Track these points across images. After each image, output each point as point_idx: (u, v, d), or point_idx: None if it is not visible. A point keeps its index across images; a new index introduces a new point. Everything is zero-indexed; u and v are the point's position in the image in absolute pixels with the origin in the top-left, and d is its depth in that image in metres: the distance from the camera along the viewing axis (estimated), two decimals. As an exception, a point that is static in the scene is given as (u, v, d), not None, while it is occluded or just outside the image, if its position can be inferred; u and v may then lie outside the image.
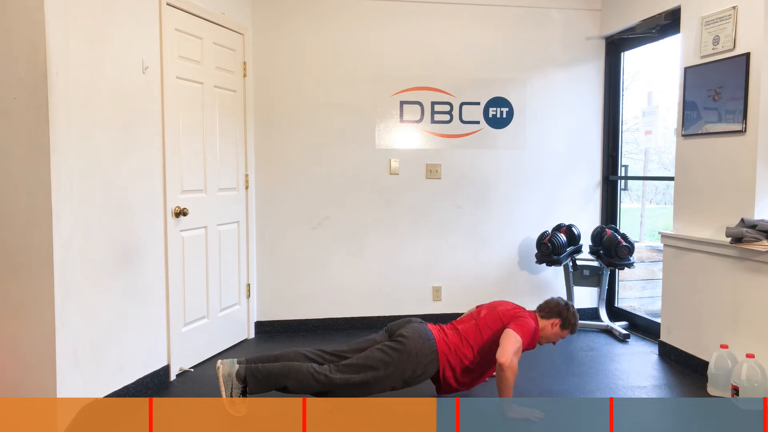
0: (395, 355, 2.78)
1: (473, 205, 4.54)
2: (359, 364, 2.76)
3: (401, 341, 2.81)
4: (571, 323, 3.05)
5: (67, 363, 2.59)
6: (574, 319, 3.06)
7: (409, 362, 2.79)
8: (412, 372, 2.81)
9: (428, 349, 2.83)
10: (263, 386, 2.72)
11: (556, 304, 3.07)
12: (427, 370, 2.84)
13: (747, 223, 3.07)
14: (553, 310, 3.05)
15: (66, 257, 2.57)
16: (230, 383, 2.69)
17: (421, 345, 2.81)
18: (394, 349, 2.79)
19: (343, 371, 2.74)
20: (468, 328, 2.97)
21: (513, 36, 4.50)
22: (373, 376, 2.75)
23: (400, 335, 2.85)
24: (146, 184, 3.15)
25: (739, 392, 2.92)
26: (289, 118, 4.29)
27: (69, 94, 2.59)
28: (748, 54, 3.13)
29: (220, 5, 3.78)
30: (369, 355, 2.79)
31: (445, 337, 2.92)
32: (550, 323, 3.02)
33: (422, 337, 2.84)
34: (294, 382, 2.71)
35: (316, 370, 2.72)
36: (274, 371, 2.72)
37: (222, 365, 2.72)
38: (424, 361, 2.82)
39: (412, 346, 2.80)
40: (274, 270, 4.33)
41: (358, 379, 2.73)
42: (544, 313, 3.05)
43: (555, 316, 3.03)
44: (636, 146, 6.42)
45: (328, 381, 2.71)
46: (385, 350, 2.79)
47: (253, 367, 2.74)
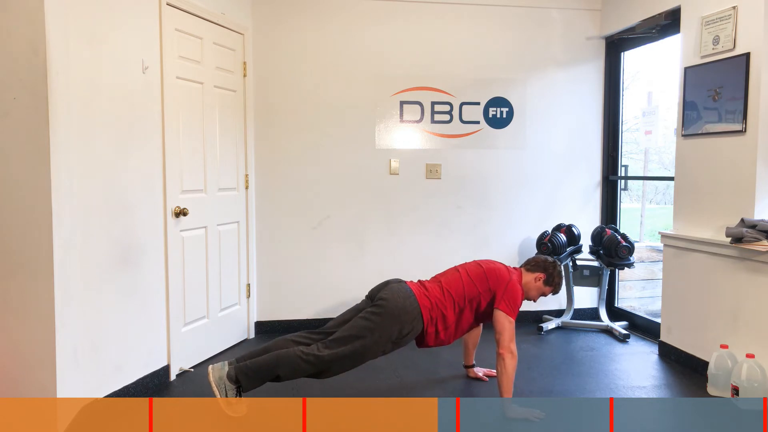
0: (378, 320, 2.77)
1: (473, 205, 4.54)
2: (345, 336, 2.76)
3: (381, 304, 2.80)
4: (555, 281, 3.07)
5: (67, 363, 2.59)
6: (559, 278, 3.08)
7: (394, 323, 2.78)
8: (399, 332, 2.80)
9: (410, 306, 2.82)
10: (256, 381, 2.72)
11: (544, 259, 3.10)
12: (414, 326, 2.83)
13: (747, 223, 3.07)
14: (540, 264, 3.08)
15: (66, 257, 2.57)
16: (223, 386, 2.69)
17: (402, 303, 2.81)
18: (376, 313, 2.79)
19: (330, 347, 2.74)
20: (451, 281, 2.97)
21: (513, 36, 4.50)
22: (360, 345, 2.74)
23: (380, 298, 2.84)
24: (146, 184, 3.15)
25: (739, 392, 2.92)
26: (289, 118, 4.29)
27: (69, 94, 2.59)
28: (748, 54, 3.13)
29: (220, 5, 3.78)
30: (353, 324, 2.79)
31: (425, 291, 2.91)
32: (534, 277, 3.05)
33: (402, 296, 2.83)
34: (285, 369, 2.71)
35: (304, 352, 2.72)
36: (263, 363, 2.72)
37: (212, 370, 2.72)
38: (408, 319, 2.81)
39: (393, 307, 2.79)
40: (274, 270, 4.33)
41: (347, 350, 2.73)
42: (530, 267, 3.09)
43: (540, 271, 3.06)
44: (636, 146, 6.42)
45: (317, 360, 2.71)
46: (367, 317, 2.79)
47: (242, 365, 2.74)
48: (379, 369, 3.48)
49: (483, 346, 3.66)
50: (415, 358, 3.70)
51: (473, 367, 3.42)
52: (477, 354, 3.55)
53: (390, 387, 3.28)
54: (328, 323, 2.97)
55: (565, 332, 4.34)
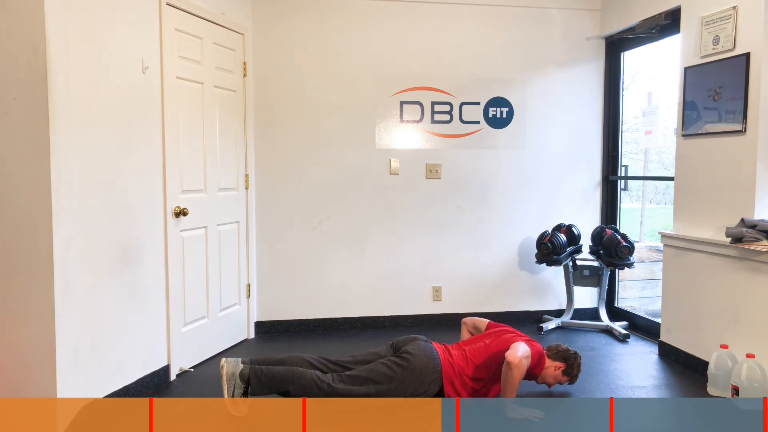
0: (399, 372, 2.79)
1: (473, 205, 4.54)
2: (363, 376, 2.79)
3: (407, 358, 2.83)
4: (573, 374, 3.08)
5: (67, 363, 2.59)
6: (578, 370, 3.09)
7: (413, 380, 2.80)
8: (414, 390, 2.82)
9: (432, 368, 2.84)
10: (266, 388, 2.74)
11: (566, 349, 3.10)
12: (429, 388, 2.85)
13: (747, 223, 3.07)
14: (561, 354, 3.08)
15: (66, 257, 2.57)
16: (233, 383, 2.69)
17: (426, 364, 2.83)
18: (399, 365, 2.81)
19: (346, 382, 2.77)
20: (475, 349, 2.98)
21: (513, 36, 4.50)
22: (375, 390, 2.77)
23: (405, 352, 2.86)
24: (146, 184, 3.15)
25: (739, 392, 2.92)
26: (289, 118, 4.29)
27: (69, 94, 2.59)
28: (748, 54, 3.13)
29: (220, 5, 3.78)
30: (373, 368, 2.81)
31: (449, 358, 2.93)
32: (554, 365, 3.04)
33: (427, 356, 2.85)
34: (297, 388, 2.72)
35: (320, 378, 2.75)
36: (278, 375, 2.74)
37: (226, 364, 2.73)
38: (427, 380, 2.83)
39: (417, 364, 2.81)
40: (274, 270, 4.33)
41: (361, 391, 2.76)
42: (552, 354, 3.08)
43: (561, 360, 3.06)
44: (636, 146, 6.42)
45: (331, 390, 2.73)
46: (389, 365, 2.81)
47: (258, 368, 2.74)
48: (379, 369, 3.48)
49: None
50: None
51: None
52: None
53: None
54: (345, 358, 2.96)
55: (565, 332, 4.33)
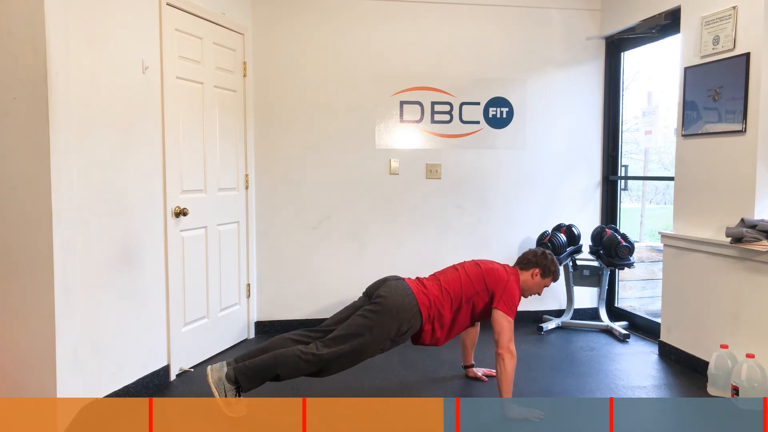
0: (377, 318, 2.77)
1: (473, 205, 4.54)
2: (344, 334, 2.76)
3: (379, 302, 2.80)
4: (551, 270, 3.08)
5: (67, 363, 2.59)
6: (554, 265, 3.09)
7: (392, 321, 2.78)
8: (397, 330, 2.80)
9: (408, 303, 2.82)
10: (255, 381, 2.72)
11: (533, 254, 3.10)
12: (412, 324, 2.84)
13: (747, 223, 3.07)
14: (531, 260, 3.08)
15: (66, 257, 2.57)
16: (222, 387, 2.69)
17: (401, 301, 2.81)
18: (374, 311, 2.78)
19: (329, 345, 2.74)
20: (450, 279, 2.97)
21: (513, 36, 4.50)
22: (359, 343, 2.74)
23: (378, 296, 2.83)
24: (146, 184, 3.15)
25: (739, 392, 2.92)
26: (289, 118, 4.29)
27: (69, 94, 2.59)
28: (748, 54, 3.13)
29: (220, 5, 3.78)
30: (351, 323, 2.79)
31: (423, 289, 2.91)
32: (530, 273, 3.06)
33: (400, 294, 2.83)
34: (284, 369, 2.70)
35: (303, 351, 2.72)
36: (262, 364, 2.72)
37: (211, 371, 2.73)
38: (406, 317, 2.81)
39: (391, 305, 2.78)
40: (274, 270, 4.33)
41: (346, 348, 2.73)
42: (523, 265, 3.09)
43: (533, 266, 3.07)
44: (636, 146, 6.42)
45: (316, 359, 2.71)
46: (366, 315, 2.79)
47: (241, 365, 2.74)
48: (378, 369, 3.48)
49: (482, 346, 3.67)
50: (415, 358, 3.70)
51: (472, 367, 3.42)
52: (476, 354, 3.55)
53: (390, 387, 3.28)
54: (325, 321, 2.97)
55: (565, 332, 4.34)
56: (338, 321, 2.89)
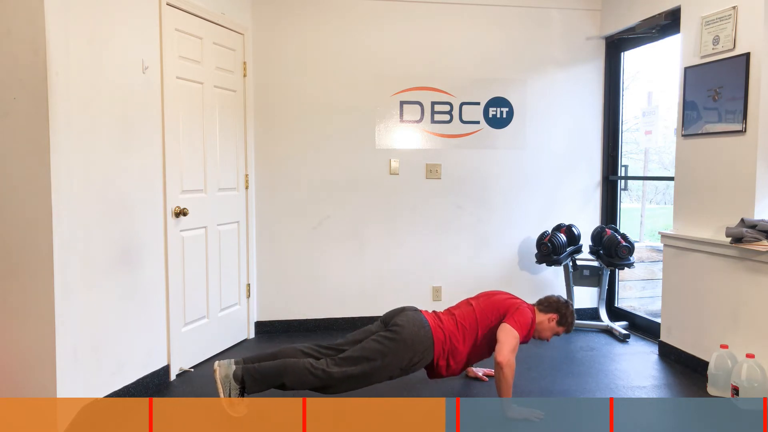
0: (391, 345, 2.78)
1: (473, 205, 4.54)
2: (356, 356, 2.77)
3: (396, 330, 2.81)
4: (568, 321, 3.07)
5: (67, 363, 2.59)
6: (572, 317, 3.08)
7: (406, 351, 2.79)
8: (409, 360, 2.81)
9: (424, 336, 2.83)
10: (261, 385, 2.72)
11: (556, 300, 3.10)
12: (424, 357, 2.84)
13: (747, 223, 3.07)
14: (553, 305, 3.07)
15: (66, 257, 2.57)
16: (228, 384, 2.69)
17: (416, 332, 2.82)
18: (390, 338, 2.79)
19: (340, 364, 2.74)
20: (465, 314, 2.98)
21: (513, 36, 4.50)
22: (370, 367, 2.75)
23: (395, 324, 2.84)
24: (146, 184, 3.15)
25: (739, 392, 2.92)
26: (289, 118, 4.29)
27: (69, 94, 2.59)
28: (748, 54, 3.13)
29: (220, 5, 3.78)
30: (365, 346, 2.80)
31: (440, 323, 2.92)
32: (548, 318, 3.05)
33: (417, 325, 2.84)
34: (292, 379, 2.71)
35: (314, 365, 2.73)
36: (271, 369, 2.72)
37: (219, 367, 2.72)
38: (420, 349, 2.82)
39: (407, 335, 2.80)
40: (274, 270, 4.33)
41: (356, 371, 2.74)
42: (543, 307, 3.08)
43: (553, 312, 3.06)
44: (636, 146, 6.42)
45: (326, 375, 2.71)
46: (380, 340, 2.80)
47: (250, 367, 2.74)
48: (379, 369, 3.48)
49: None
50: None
51: (472, 367, 3.42)
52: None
53: (390, 387, 3.27)
54: (338, 341, 2.96)
55: (565, 332, 4.33)
56: (351, 342, 2.90)
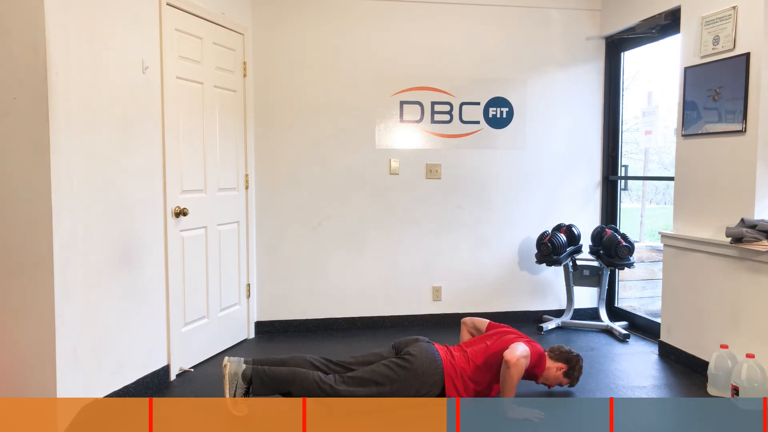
0: (402, 373, 2.79)
1: (473, 205, 4.54)
2: (365, 378, 2.78)
3: (409, 359, 2.82)
4: (575, 376, 3.08)
5: (67, 363, 2.59)
6: (579, 372, 3.09)
7: (415, 381, 2.80)
8: (416, 391, 2.82)
9: (434, 369, 2.84)
10: (268, 389, 2.74)
11: (568, 351, 3.10)
12: (431, 390, 2.85)
13: (747, 223, 3.07)
14: (564, 355, 3.08)
15: (66, 257, 2.57)
16: (235, 382, 2.70)
17: (428, 365, 2.83)
18: (401, 366, 2.81)
19: (348, 383, 2.76)
20: (477, 351, 2.98)
21: (513, 36, 4.50)
22: (377, 392, 2.77)
23: (407, 353, 2.86)
24: (146, 184, 3.15)
25: (739, 392, 2.92)
26: (289, 118, 4.29)
27: (69, 94, 2.59)
28: (748, 54, 3.13)
29: (220, 5, 3.78)
30: (375, 369, 2.81)
31: (451, 359, 2.92)
32: (556, 366, 3.05)
33: (429, 358, 2.85)
34: (299, 388, 2.72)
35: (322, 380, 2.75)
36: (281, 376, 2.74)
37: (229, 363, 2.73)
38: (429, 381, 2.83)
39: (418, 366, 2.81)
40: (274, 270, 4.33)
41: (363, 392, 2.75)
42: (554, 355, 3.08)
43: (563, 362, 3.06)
44: (636, 146, 6.42)
45: (333, 391, 2.73)
46: (391, 366, 2.81)
47: (260, 369, 2.74)
48: (379, 369, 3.48)
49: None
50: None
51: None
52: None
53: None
54: (347, 359, 2.96)
55: (565, 332, 4.33)
56: (360, 363, 2.92)
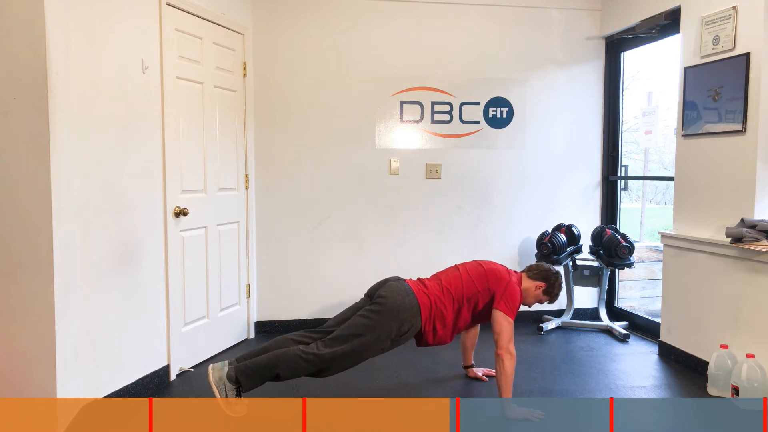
0: (377, 318, 2.78)
1: (473, 205, 4.54)
2: (345, 334, 2.77)
3: (380, 302, 2.82)
4: (554, 292, 3.09)
5: (67, 363, 2.59)
6: (558, 289, 3.10)
7: (393, 321, 2.79)
8: (398, 330, 2.81)
9: (409, 303, 2.83)
10: (256, 381, 2.73)
11: (547, 269, 3.11)
12: (413, 324, 2.84)
13: (747, 223, 3.07)
14: (542, 273, 3.09)
15: (66, 257, 2.57)
16: (222, 386, 2.69)
17: (401, 301, 2.82)
18: (375, 311, 2.80)
19: (330, 345, 2.75)
20: (451, 279, 2.99)
21: (513, 36, 4.50)
22: (360, 343, 2.75)
23: (379, 296, 2.85)
24: (146, 184, 3.15)
25: (739, 392, 2.92)
26: (289, 118, 4.29)
27: (69, 94, 2.59)
28: (748, 54, 3.13)
29: (220, 5, 3.78)
30: (352, 323, 2.81)
31: (424, 289, 2.92)
32: (535, 285, 3.06)
33: (401, 294, 2.84)
34: (285, 368, 2.71)
35: (304, 351, 2.73)
36: (263, 363, 2.73)
37: (212, 370, 2.73)
38: (407, 316, 2.82)
39: (392, 305, 2.80)
40: (274, 270, 4.33)
41: (347, 348, 2.74)
42: (532, 274, 3.09)
43: (542, 280, 3.07)
44: (636, 146, 6.42)
45: (317, 359, 2.72)
46: (366, 315, 2.80)
47: (242, 365, 2.74)
48: (379, 369, 3.48)
49: (482, 346, 3.67)
50: (415, 358, 3.70)
51: (472, 367, 3.42)
52: (476, 354, 3.55)
53: (390, 387, 3.28)
54: (326, 322, 2.98)
55: (565, 332, 4.33)
56: (339, 322, 2.90)
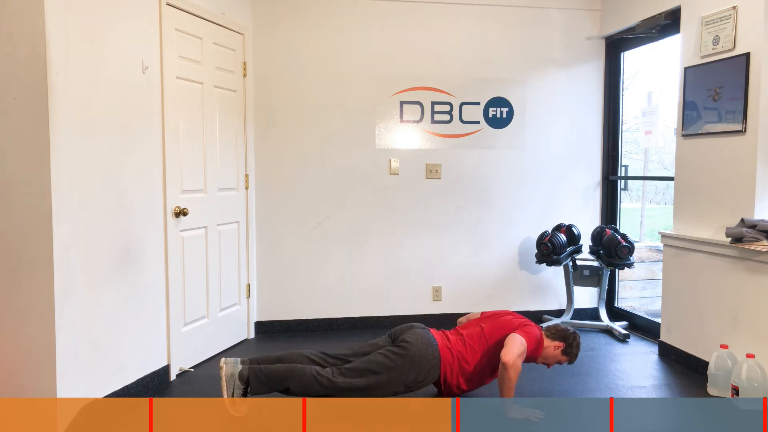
0: (398, 360, 2.79)
1: (473, 205, 4.54)
2: (362, 368, 2.78)
3: (404, 347, 2.82)
4: (573, 352, 3.07)
5: (67, 363, 2.59)
6: (577, 349, 3.08)
7: (412, 367, 2.80)
8: (415, 377, 2.82)
9: (431, 354, 2.84)
10: (266, 387, 2.73)
11: (564, 329, 3.09)
12: (429, 375, 2.85)
13: (747, 223, 3.07)
14: (560, 333, 3.07)
15: (66, 257, 2.57)
16: (232, 383, 2.69)
17: (424, 351, 2.82)
18: (397, 354, 2.80)
19: (345, 375, 2.76)
20: (473, 334, 2.98)
21: (513, 36, 4.50)
22: (375, 381, 2.76)
23: (403, 340, 2.85)
24: (146, 184, 3.15)
25: (739, 392, 2.92)
26: (289, 118, 4.29)
27: (69, 94, 2.59)
28: (748, 54, 3.13)
29: (220, 5, 3.78)
30: (372, 359, 2.80)
31: (447, 343, 2.93)
32: (554, 345, 3.04)
33: (425, 343, 2.85)
34: (297, 385, 2.72)
35: (319, 373, 2.74)
36: (278, 373, 2.73)
37: (225, 365, 2.72)
38: (426, 367, 2.83)
39: (415, 352, 2.80)
40: (274, 270, 4.33)
41: (361, 383, 2.75)
42: (551, 334, 3.07)
43: (560, 340, 3.05)
44: (636, 146, 6.42)
45: (330, 384, 2.72)
46: (388, 355, 2.81)
47: (257, 368, 2.74)
48: (379, 369, 3.48)
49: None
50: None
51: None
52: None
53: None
54: (343, 351, 2.96)
55: (565, 332, 4.33)
56: (358, 354, 2.91)
